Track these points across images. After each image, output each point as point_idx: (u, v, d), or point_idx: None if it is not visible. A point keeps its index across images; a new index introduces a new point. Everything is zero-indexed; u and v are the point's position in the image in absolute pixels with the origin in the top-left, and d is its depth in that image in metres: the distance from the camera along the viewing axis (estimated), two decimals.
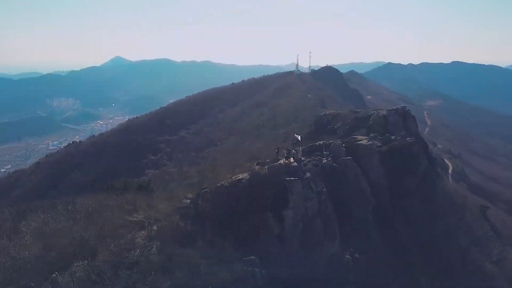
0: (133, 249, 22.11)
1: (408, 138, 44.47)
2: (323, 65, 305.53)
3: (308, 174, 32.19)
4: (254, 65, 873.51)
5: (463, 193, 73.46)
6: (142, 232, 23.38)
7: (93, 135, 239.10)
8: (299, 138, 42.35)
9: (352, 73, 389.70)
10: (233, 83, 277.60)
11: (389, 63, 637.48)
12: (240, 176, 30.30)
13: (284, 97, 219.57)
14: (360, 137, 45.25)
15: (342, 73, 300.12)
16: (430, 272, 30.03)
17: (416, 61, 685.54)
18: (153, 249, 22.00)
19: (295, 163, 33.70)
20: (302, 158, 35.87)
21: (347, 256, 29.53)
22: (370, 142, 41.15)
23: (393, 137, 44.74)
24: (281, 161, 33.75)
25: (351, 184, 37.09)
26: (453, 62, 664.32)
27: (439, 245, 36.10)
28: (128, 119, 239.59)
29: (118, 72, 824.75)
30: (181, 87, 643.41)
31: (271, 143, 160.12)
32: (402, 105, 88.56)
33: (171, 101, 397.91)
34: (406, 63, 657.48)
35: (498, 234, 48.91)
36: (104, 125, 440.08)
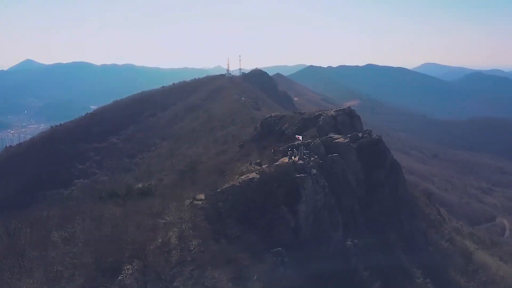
0: (174, 249, 22.45)
1: (374, 135, 49.28)
2: (250, 68, 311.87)
3: (314, 171, 34.63)
4: (179, 68, 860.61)
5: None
6: (171, 233, 23.59)
7: (9, 146, 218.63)
8: (301, 138, 45.12)
9: (278, 75, 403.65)
10: (163, 87, 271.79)
11: (311, 66, 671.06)
12: (250, 176, 31.67)
13: (218, 100, 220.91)
14: (336, 135, 48.82)
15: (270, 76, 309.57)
16: (405, 249, 34.12)
17: (334, 64, 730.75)
18: (196, 247, 22.60)
19: (301, 161, 35.96)
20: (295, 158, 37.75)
21: (349, 242, 32.50)
22: (347, 140, 44.92)
23: (360, 135, 49.18)
24: (285, 159, 35.90)
25: (339, 178, 40.63)
26: (367, 65, 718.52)
27: (406, 228, 40.90)
28: (51, 127, 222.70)
29: (29, 77, 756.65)
30: (102, 92, 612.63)
31: (211, 146, 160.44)
32: (333, 107, 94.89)
33: (93, 107, 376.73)
34: (325, 66, 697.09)
35: (443, 217, 56.21)
36: (16, 135, 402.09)
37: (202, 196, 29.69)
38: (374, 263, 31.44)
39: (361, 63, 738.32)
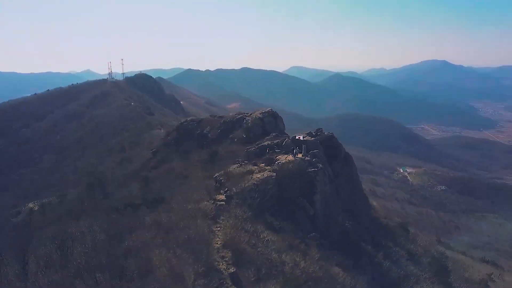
0: (249, 243, 23.39)
1: (326, 133, 55.11)
2: (127, 72, 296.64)
3: (320, 165, 37.89)
4: (42, 73, 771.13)
5: None
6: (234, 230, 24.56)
7: None
8: (301, 137, 47.31)
9: (160, 79, 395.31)
10: (36, 94, 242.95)
11: (189, 69, 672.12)
12: (265, 174, 33.52)
13: (103, 107, 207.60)
14: (302, 134, 52.89)
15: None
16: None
17: (212, 67, 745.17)
18: (265, 238, 24.03)
19: (307, 158, 38.84)
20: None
21: (347, 224, 37.05)
22: (313, 138, 49.64)
23: (313, 133, 54.42)
24: (289, 157, 38.53)
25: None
26: (242, 68, 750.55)
27: (365, 217, 47.63)
28: None
29: None
30: None
31: (106, 155, 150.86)
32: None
33: None
34: (204, 70, 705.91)
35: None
36: None
37: (222, 197, 30.74)
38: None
39: (236, 66, 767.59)
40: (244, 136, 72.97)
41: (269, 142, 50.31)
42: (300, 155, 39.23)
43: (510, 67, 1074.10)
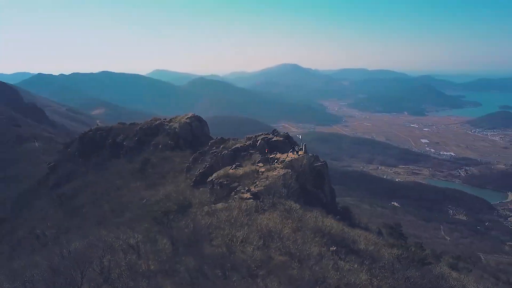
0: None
1: (282, 133, 58.97)
2: None
3: (322, 160, 41.30)
4: None
5: None
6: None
7: None
8: (300, 137, 49.11)
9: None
10: None
11: (40, 74, 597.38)
12: (282, 172, 35.26)
13: None
14: (274, 136, 55.54)
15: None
16: None
17: (66, 71, 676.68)
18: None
19: (310, 154, 41.56)
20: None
21: (337, 202, 42.61)
22: (281, 138, 52.82)
23: (270, 134, 57.77)
24: (291, 155, 40.46)
25: None
26: (102, 71, 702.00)
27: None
28: None
29: None
30: None
31: None
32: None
33: None
34: (57, 74, 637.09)
35: None
36: None
37: (248, 195, 32.19)
38: None
39: (94, 69, 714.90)
40: (170, 142, 73.18)
41: (242, 145, 53.02)
42: (301, 153, 43.74)
43: (348, 70, 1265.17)
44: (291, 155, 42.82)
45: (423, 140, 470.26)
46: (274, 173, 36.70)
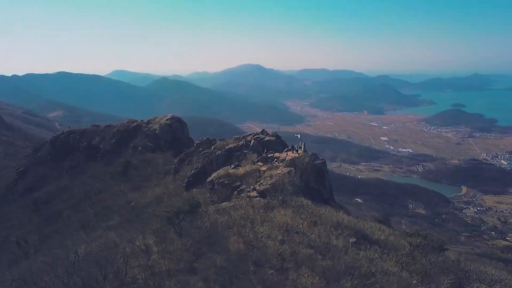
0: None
1: (271, 133, 59.86)
2: None
3: (321, 158, 42.44)
4: None
5: None
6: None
7: None
8: (299, 136, 49.49)
9: None
10: None
11: None
12: (285, 170, 36.14)
13: None
14: (265, 135, 56.16)
15: None
16: None
17: (20, 72, 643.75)
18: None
19: (309, 153, 42.49)
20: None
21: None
22: (273, 138, 53.86)
23: (259, 134, 58.50)
24: (291, 153, 41.51)
25: None
26: (58, 72, 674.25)
27: None
28: None
29: None
30: None
31: None
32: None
33: None
34: (10, 74, 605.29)
35: None
36: None
37: (254, 193, 33.12)
38: None
39: (49, 70, 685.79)
40: (150, 144, 72.78)
41: (235, 145, 53.73)
42: (300, 151, 45.18)
43: (309, 70, 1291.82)
44: (290, 154, 44.40)
45: (382, 138, 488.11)
46: (278, 172, 37.96)
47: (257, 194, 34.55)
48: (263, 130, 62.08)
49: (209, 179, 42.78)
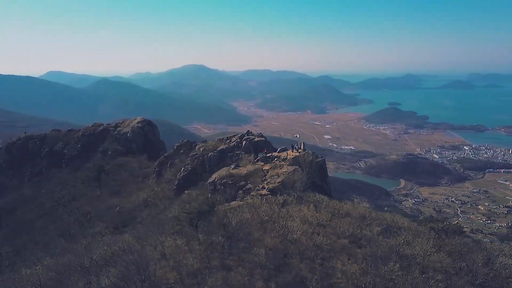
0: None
1: (258, 134, 61.10)
2: None
3: (320, 156, 44.27)
4: None
5: None
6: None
7: None
8: (298, 136, 50.18)
9: None
10: None
11: None
12: (291, 169, 37.64)
13: None
14: (255, 136, 57.12)
15: None
16: None
17: None
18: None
19: (308, 151, 44.13)
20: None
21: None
22: (263, 138, 55.31)
23: (246, 135, 59.44)
24: (292, 153, 43.12)
25: None
26: None
27: None
28: None
29: None
30: None
31: None
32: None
33: None
34: None
35: None
36: None
37: (264, 192, 34.68)
38: None
39: None
40: (121, 148, 71.74)
41: (227, 146, 54.71)
42: (300, 150, 47.31)
43: (254, 71, 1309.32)
44: (290, 153, 46.70)
45: (326, 136, 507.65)
46: (284, 170, 39.86)
47: (268, 192, 36.17)
48: (248, 131, 64.05)
49: (211, 180, 43.88)
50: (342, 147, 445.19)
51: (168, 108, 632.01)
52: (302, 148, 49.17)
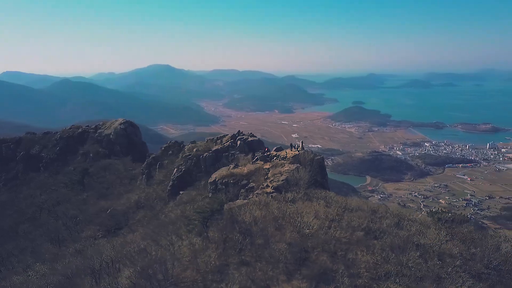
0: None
1: (249, 133, 61.54)
2: None
3: (319, 154, 45.33)
4: None
5: None
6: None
7: None
8: (296, 135, 50.51)
9: None
10: None
11: None
12: (293, 167, 38.51)
13: None
14: (248, 136, 57.47)
15: None
16: None
17: None
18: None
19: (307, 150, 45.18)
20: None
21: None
22: (256, 138, 56.00)
23: (238, 135, 59.86)
24: (291, 151, 44.02)
25: None
26: None
27: None
28: None
29: None
30: None
31: None
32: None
33: None
34: None
35: None
36: None
37: (269, 190, 35.62)
38: None
39: None
40: (103, 150, 70.73)
41: (220, 146, 55.19)
42: (300, 149, 48.60)
43: (220, 71, 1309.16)
44: (290, 152, 48.12)
45: (293, 135, 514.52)
46: (286, 168, 40.96)
47: (273, 190, 37.37)
48: (239, 131, 64.91)
49: (211, 180, 44.69)
50: (310, 146, 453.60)
51: (133, 109, 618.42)
52: (301, 147, 51.25)
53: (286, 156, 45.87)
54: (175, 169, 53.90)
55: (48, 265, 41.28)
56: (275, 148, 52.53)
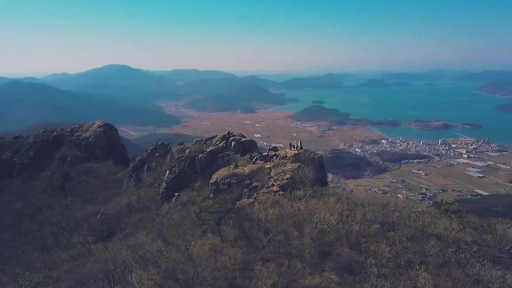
0: None
1: (238, 134, 61.44)
2: None
3: (318, 153, 46.23)
4: None
5: None
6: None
7: None
8: (294, 135, 50.57)
9: None
10: None
11: None
12: (295, 166, 39.21)
13: None
14: (241, 137, 57.39)
15: None
16: None
17: None
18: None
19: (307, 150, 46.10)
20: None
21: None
22: (249, 139, 56.38)
23: (232, 136, 59.82)
24: (290, 151, 44.60)
25: None
26: None
27: None
28: None
29: None
30: None
31: None
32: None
33: None
34: None
35: None
36: None
37: (275, 188, 36.54)
38: None
39: None
40: (81, 154, 69.04)
41: (214, 147, 55.33)
42: (299, 148, 49.70)
43: (180, 71, 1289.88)
44: (289, 151, 49.41)
45: (256, 135, 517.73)
46: (288, 167, 42.18)
47: (279, 189, 38.73)
48: (229, 131, 65.45)
49: (212, 180, 45.17)
50: (272, 145, 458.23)
51: (89, 110, 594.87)
52: (300, 146, 53.06)
53: (286, 156, 47.53)
54: (168, 171, 54.16)
55: (41, 273, 40.59)
56: (271, 147, 54.08)
